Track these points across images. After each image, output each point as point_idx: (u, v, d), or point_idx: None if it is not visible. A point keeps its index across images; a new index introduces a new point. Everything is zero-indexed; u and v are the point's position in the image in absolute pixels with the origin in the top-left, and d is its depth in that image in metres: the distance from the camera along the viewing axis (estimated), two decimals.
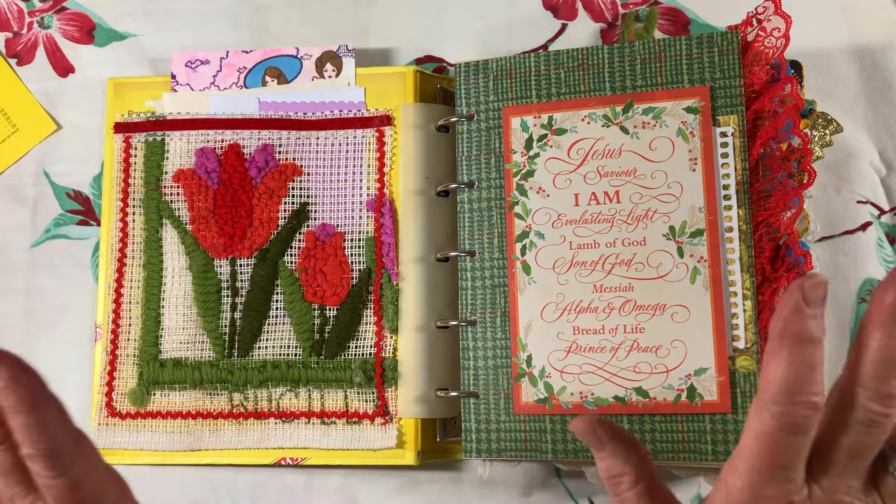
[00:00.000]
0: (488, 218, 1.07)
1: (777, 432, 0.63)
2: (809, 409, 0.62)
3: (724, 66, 1.02)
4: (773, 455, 0.64)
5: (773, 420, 0.63)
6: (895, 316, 0.60)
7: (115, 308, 1.16)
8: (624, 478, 0.73)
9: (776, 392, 0.62)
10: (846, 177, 1.14)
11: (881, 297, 0.61)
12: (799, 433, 0.63)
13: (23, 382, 0.68)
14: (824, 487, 0.66)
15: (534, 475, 1.14)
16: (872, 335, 0.61)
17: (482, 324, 1.06)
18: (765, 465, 0.65)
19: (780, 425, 0.63)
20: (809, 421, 0.62)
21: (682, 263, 1.00)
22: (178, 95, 1.18)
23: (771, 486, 0.65)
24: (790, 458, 0.64)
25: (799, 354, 0.61)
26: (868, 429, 0.63)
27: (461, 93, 1.10)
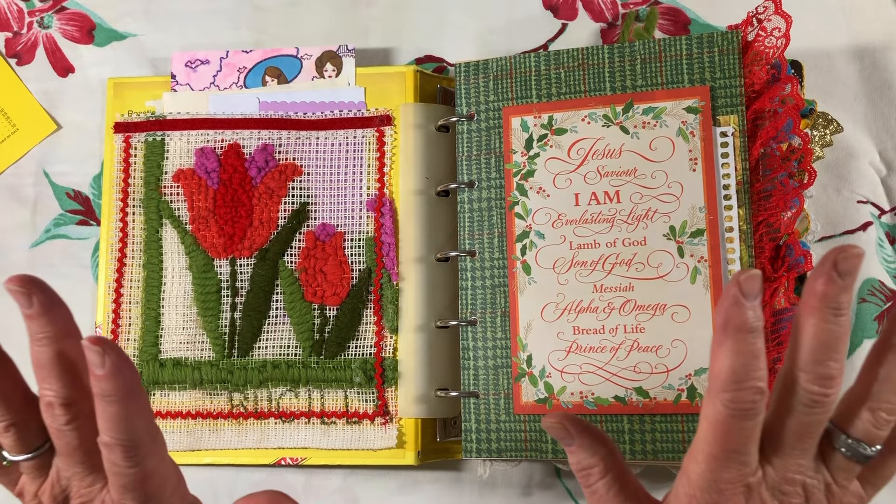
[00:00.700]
0: (488, 218, 1.07)
1: (729, 419, 0.66)
2: (756, 395, 0.65)
3: (724, 66, 1.02)
4: (726, 441, 0.67)
5: (724, 407, 0.66)
6: (825, 302, 0.64)
7: (115, 308, 1.16)
8: (593, 469, 0.76)
9: (724, 381, 0.66)
10: (846, 177, 1.14)
11: (812, 286, 0.65)
12: (748, 418, 0.66)
13: (123, 373, 0.70)
14: (777, 468, 0.69)
15: (534, 475, 1.14)
16: (808, 321, 0.66)
17: (482, 324, 1.06)
18: (720, 450, 0.68)
19: (731, 412, 0.66)
20: (757, 406, 0.65)
21: (682, 263, 1.00)
22: (178, 95, 1.18)
23: (727, 470, 0.68)
24: (743, 443, 0.67)
25: (742, 344, 0.65)
26: (811, 409, 0.66)
27: (461, 93, 1.10)
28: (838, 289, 0.64)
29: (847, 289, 0.65)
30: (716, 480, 0.69)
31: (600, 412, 1.01)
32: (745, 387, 0.65)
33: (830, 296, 0.65)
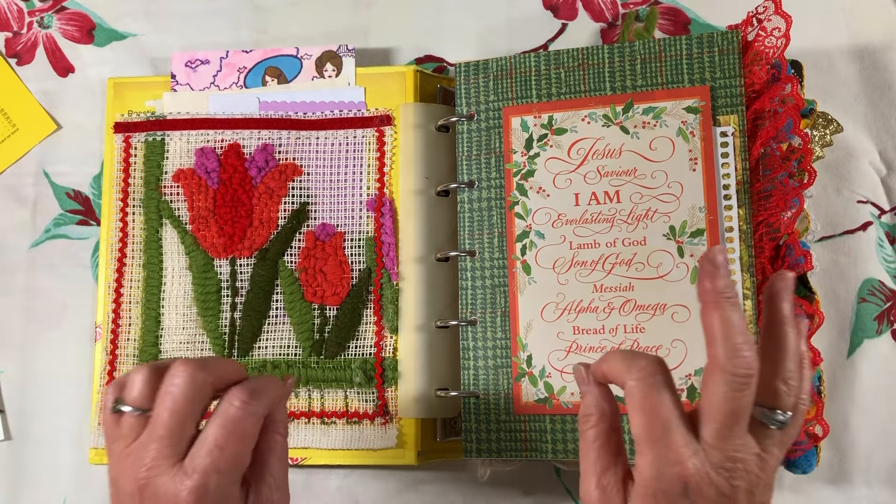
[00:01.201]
0: (488, 218, 1.07)
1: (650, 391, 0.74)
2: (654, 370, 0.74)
3: (724, 66, 1.02)
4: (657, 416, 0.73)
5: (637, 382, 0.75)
6: (718, 295, 0.72)
7: (115, 308, 1.16)
8: (590, 417, 0.80)
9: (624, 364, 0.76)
10: (846, 177, 1.15)
11: (702, 288, 0.74)
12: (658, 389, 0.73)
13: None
14: (718, 448, 0.72)
15: (534, 475, 1.14)
16: (712, 316, 0.73)
17: (482, 324, 1.06)
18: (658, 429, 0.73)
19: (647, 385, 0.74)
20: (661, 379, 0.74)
21: (682, 263, 1.00)
22: (178, 95, 1.18)
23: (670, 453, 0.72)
24: (669, 419, 0.72)
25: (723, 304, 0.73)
26: (738, 393, 0.71)
27: (461, 93, 1.10)
28: (720, 279, 0.73)
29: (726, 276, 0.73)
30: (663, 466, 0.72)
31: None
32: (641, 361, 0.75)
33: (718, 287, 0.73)
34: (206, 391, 0.79)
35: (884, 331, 1.12)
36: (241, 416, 0.78)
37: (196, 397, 0.78)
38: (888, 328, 1.12)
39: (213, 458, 0.76)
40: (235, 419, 0.78)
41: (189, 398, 0.78)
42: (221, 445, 0.77)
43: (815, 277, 1.09)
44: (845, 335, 1.12)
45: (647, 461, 0.73)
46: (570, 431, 1.02)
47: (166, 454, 0.77)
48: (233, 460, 0.78)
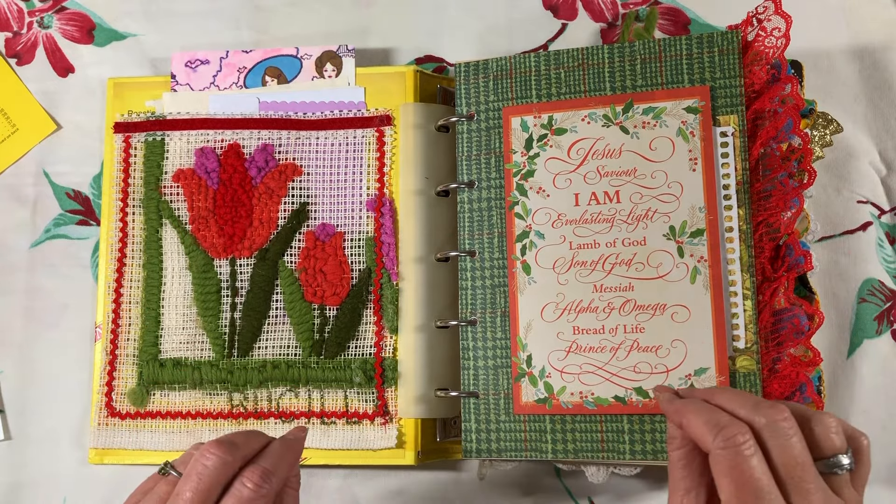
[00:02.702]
0: (488, 218, 1.07)
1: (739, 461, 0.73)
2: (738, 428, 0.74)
3: (724, 66, 1.02)
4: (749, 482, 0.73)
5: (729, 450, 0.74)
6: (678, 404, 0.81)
7: (115, 308, 1.16)
8: (675, 440, 0.82)
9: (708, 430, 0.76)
10: (846, 177, 1.15)
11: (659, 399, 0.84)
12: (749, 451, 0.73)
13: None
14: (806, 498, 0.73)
15: (534, 475, 1.14)
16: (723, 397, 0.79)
17: (482, 324, 1.06)
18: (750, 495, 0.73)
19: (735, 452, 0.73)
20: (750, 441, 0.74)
21: (682, 263, 1.00)
22: (177, 95, 1.18)
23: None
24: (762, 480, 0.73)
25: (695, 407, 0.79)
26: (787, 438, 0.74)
27: (461, 93, 1.10)
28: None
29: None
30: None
31: (600, 412, 1.01)
32: (723, 424, 0.75)
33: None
34: (231, 471, 0.81)
35: (884, 331, 1.12)
36: (254, 498, 0.80)
37: (221, 480, 0.80)
38: (888, 328, 1.12)
39: None
40: (249, 500, 0.80)
41: (215, 481, 0.80)
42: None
43: (815, 277, 1.09)
44: (845, 335, 1.12)
45: None
46: (570, 431, 1.02)
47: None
48: None
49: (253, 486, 0.80)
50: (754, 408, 0.76)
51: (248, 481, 0.80)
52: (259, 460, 0.83)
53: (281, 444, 0.86)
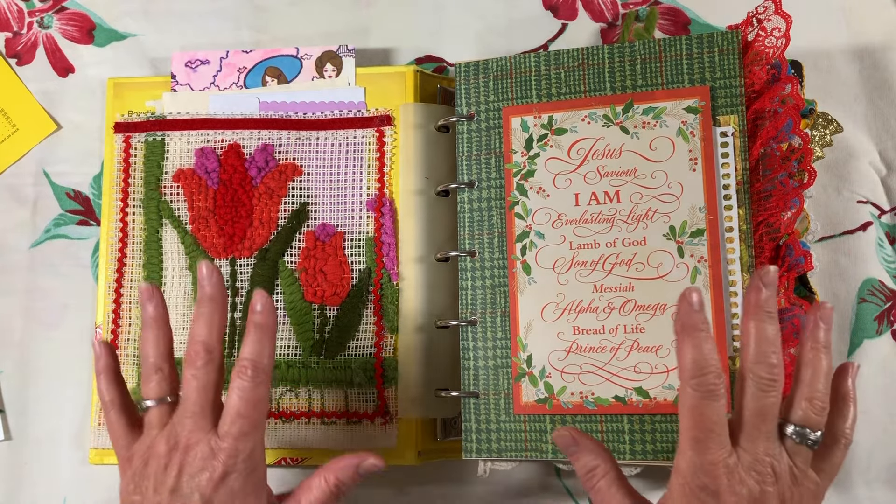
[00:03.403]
0: (488, 218, 1.07)
1: (700, 401, 0.81)
2: (717, 378, 0.81)
3: (724, 66, 1.02)
4: (704, 421, 0.81)
5: (695, 391, 0.81)
6: (759, 309, 0.83)
7: (115, 308, 1.16)
8: (597, 470, 0.90)
9: (691, 370, 0.81)
10: (846, 177, 1.15)
11: (747, 299, 0.85)
12: (714, 398, 0.81)
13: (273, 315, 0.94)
14: (748, 451, 0.82)
15: (534, 475, 1.14)
16: (749, 325, 0.84)
17: (482, 324, 1.06)
18: (700, 431, 0.81)
19: (701, 394, 0.81)
20: (719, 387, 0.81)
21: (682, 263, 1.00)
22: (178, 95, 1.18)
23: (709, 451, 0.81)
24: (716, 422, 0.81)
25: (698, 339, 0.82)
26: (764, 393, 0.82)
27: (461, 93, 1.10)
28: (766, 296, 0.84)
29: (772, 296, 0.84)
30: (701, 463, 0.81)
31: (600, 412, 1.01)
32: (706, 371, 0.81)
33: (762, 302, 0.84)
34: (218, 365, 0.91)
35: (884, 331, 1.12)
36: (252, 386, 0.88)
37: (215, 377, 0.91)
38: (888, 328, 1.12)
39: (239, 424, 0.87)
40: (248, 389, 0.88)
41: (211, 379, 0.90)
42: (243, 414, 0.88)
43: (815, 277, 1.09)
44: (845, 335, 1.13)
45: (687, 458, 0.82)
46: None
47: (201, 425, 0.88)
48: (254, 423, 0.88)
49: (248, 378, 0.89)
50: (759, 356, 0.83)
51: (244, 375, 0.89)
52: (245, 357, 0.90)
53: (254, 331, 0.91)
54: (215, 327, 0.92)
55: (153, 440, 0.91)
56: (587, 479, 0.91)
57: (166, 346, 0.96)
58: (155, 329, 0.95)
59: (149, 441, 0.91)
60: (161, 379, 0.93)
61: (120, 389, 0.98)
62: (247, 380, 0.88)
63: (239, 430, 0.87)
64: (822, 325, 0.85)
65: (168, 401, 0.93)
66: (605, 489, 0.89)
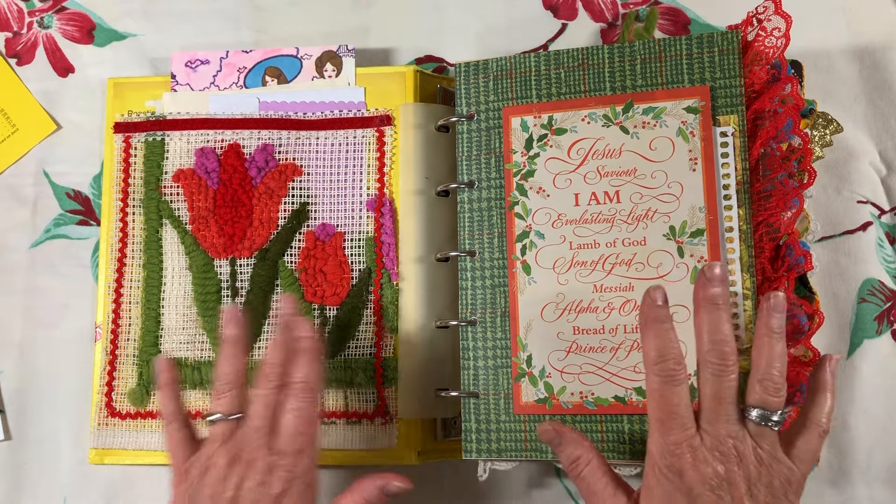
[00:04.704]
0: (488, 218, 1.07)
1: (663, 386, 0.88)
2: (677, 364, 0.88)
3: (724, 66, 1.02)
4: (666, 404, 0.88)
5: (658, 377, 0.89)
6: (707, 301, 0.90)
7: (115, 308, 1.16)
8: (580, 459, 0.93)
9: (653, 358, 0.89)
10: (846, 177, 1.15)
11: (696, 295, 0.92)
12: (676, 383, 0.88)
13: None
14: (710, 433, 0.87)
15: (534, 475, 1.14)
16: (700, 317, 0.90)
17: (482, 324, 1.06)
18: (664, 414, 0.88)
19: (663, 379, 0.88)
20: (678, 372, 0.88)
21: (682, 263, 1.00)
22: (178, 95, 1.18)
23: (672, 431, 0.87)
24: (678, 405, 0.87)
25: (660, 331, 0.90)
26: (719, 377, 0.88)
27: (461, 93, 1.10)
28: (711, 289, 0.90)
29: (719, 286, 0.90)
30: (666, 444, 0.87)
31: (600, 412, 1.01)
32: (668, 358, 0.88)
33: (709, 296, 0.90)
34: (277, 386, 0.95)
35: (884, 331, 1.12)
36: (307, 406, 0.94)
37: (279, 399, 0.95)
38: (888, 328, 1.12)
39: (298, 442, 0.92)
40: (304, 409, 0.93)
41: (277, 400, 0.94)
42: (301, 431, 0.93)
43: (815, 277, 1.09)
44: (845, 335, 1.12)
45: (654, 441, 0.88)
46: None
47: (264, 442, 0.92)
48: (310, 441, 0.93)
49: (302, 400, 0.94)
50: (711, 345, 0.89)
51: (299, 398, 0.94)
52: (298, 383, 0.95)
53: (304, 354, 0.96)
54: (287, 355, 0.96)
55: (214, 452, 0.93)
56: (571, 468, 0.94)
57: (241, 366, 0.98)
58: (233, 349, 0.98)
59: (209, 453, 0.94)
60: (234, 396, 0.96)
61: (180, 404, 1.01)
62: (303, 401, 0.93)
63: (298, 447, 0.92)
64: (775, 314, 0.91)
65: (235, 417, 0.95)
66: (589, 476, 0.93)
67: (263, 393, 0.94)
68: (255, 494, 0.89)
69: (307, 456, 0.92)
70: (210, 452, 0.93)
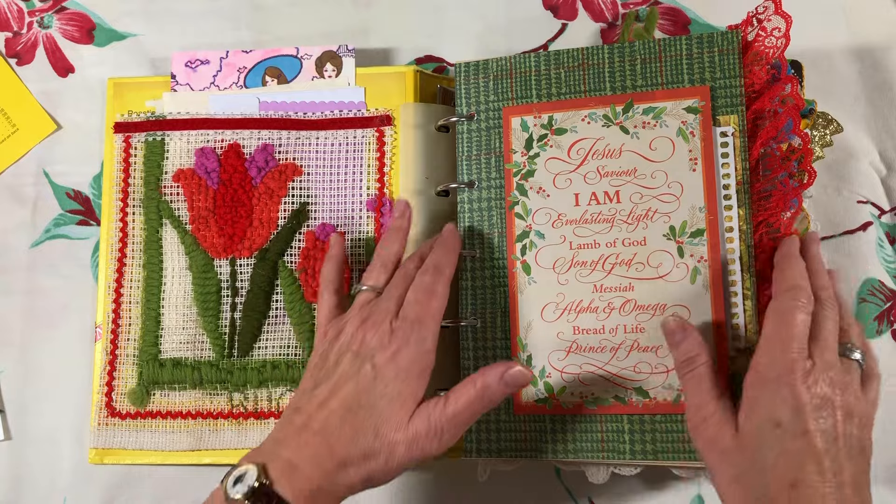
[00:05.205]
0: (488, 218, 1.07)
1: (792, 309, 0.91)
2: (808, 298, 0.92)
3: (724, 66, 1.02)
4: (790, 324, 0.91)
5: (789, 301, 0.92)
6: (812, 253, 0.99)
7: (115, 308, 1.16)
8: (699, 356, 0.95)
9: (788, 286, 0.93)
10: (846, 177, 1.15)
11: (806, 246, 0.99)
12: (805, 310, 0.92)
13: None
14: (821, 361, 0.90)
15: (534, 475, 1.14)
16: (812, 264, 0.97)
17: (482, 324, 1.06)
18: (786, 332, 0.90)
19: (793, 304, 0.92)
20: (808, 305, 0.92)
21: (682, 263, 1.00)
22: (178, 95, 1.18)
23: (792, 350, 0.89)
24: (802, 329, 0.91)
25: (798, 264, 0.95)
26: (831, 312, 0.94)
27: (461, 93, 1.10)
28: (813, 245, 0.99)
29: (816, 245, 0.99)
30: (782, 359, 0.89)
31: (600, 412, 1.01)
32: (801, 288, 0.93)
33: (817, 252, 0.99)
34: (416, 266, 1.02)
35: (884, 331, 1.12)
36: (431, 281, 0.98)
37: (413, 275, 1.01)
38: (888, 328, 1.12)
39: (415, 311, 0.96)
40: (426, 283, 0.99)
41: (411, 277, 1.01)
42: (420, 301, 0.97)
43: None
44: None
45: (767, 354, 0.91)
46: (570, 432, 1.02)
47: (392, 310, 0.97)
48: (429, 312, 0.97)
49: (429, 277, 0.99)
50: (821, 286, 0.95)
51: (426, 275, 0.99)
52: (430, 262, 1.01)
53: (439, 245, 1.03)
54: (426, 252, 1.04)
55: (351, 317, 1.00)
56: (686, 364, 0.96)
57: (398, 252, 1.06)
58: (395, 235, 1.06)
59: (347, 317, 1.01)
60: (382, 273, 1.04)
61: (340, 277, 1.08)
62: (427, 276, 0.99)
63: (415, 315, 0.96)
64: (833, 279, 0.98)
65: (378, 291, 1.02)
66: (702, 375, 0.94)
67: (404, 273, 1.01)
68: (372, 351, 0.95)
69: (425, 327, 0.95)
70: (348, 317, 1.00)
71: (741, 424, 0.90)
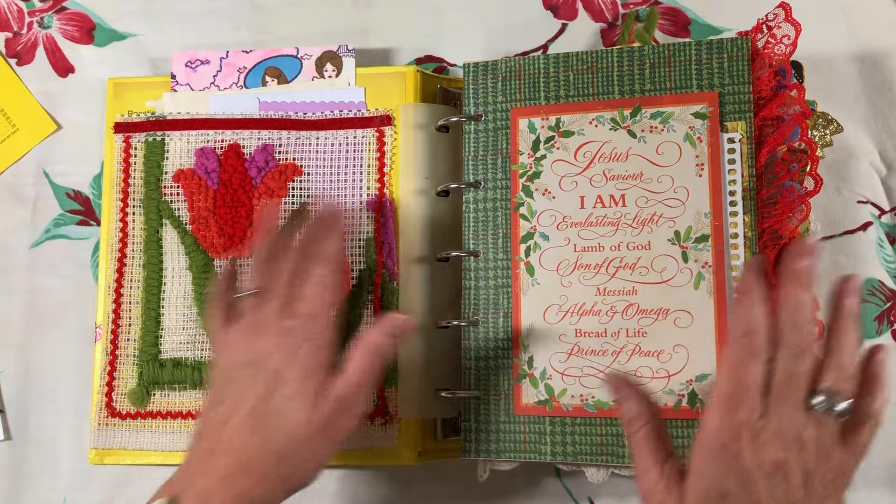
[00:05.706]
0: (493, 218, 1.07)
1: (742, 360, 0.82)
2: (764, 342, 0.82)
3: (733, 73, 1.02)
4: (741, 380, 0.82)
5: (739, 350, 0.83)
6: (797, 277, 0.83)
7: (115, 308, 1.16)
8: (640, 417, 0.88)
9: (740, 331, 0.83)
10: (846, 177, 1.15)
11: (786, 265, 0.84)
12: (757, 360, 0.82)
13: None
14: (776, 415, 0.81)
15: (534, 475, 1.15)
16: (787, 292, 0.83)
17: (484, 324, 1.06)
18: (736, 390, 0.82)
19: (744, 354, 0.82)
20: (764, 351, 0.82)
21: (686, 268, 1.01)
22: (178, 95, 1.18)
23: (741, 411, 0.81)
24: (753, 382, 0.81)
25: (755, 305, 0.83)
26: (796, 360, 0.81)
27: (469, 93, 1.11)
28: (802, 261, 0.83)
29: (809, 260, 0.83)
30: (729, 423, 0.81)
31: (601, 415, 1.01)
32: (756, 333, 0.82)
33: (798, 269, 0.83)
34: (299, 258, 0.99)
35: (884, 331, 1.13)
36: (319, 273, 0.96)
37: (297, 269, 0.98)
38: (888, 328, 1.13)
39: (308, 305, 0.95)
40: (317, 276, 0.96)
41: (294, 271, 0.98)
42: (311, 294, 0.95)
43: None
44: None
45: (715, 417, 0.83)
46: (570, 434, 1.02)
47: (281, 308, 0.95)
48: (322, 305, 0.95)
49: (322, 277, 0.96)
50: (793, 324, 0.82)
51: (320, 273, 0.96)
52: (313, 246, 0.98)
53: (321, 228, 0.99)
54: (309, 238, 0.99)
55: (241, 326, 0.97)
56: (629, 424, 0.90)
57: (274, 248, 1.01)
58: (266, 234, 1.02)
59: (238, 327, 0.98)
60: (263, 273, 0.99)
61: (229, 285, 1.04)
62: (315, 266, 0.96)
63: (307, 310, 0.95)
64: (852, 296, 0.85)
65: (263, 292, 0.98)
66: (642, 437, 0.88)
67: (285, 266, 0.97)
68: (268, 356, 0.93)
69: (318, 320, 0.94)
70: (239, 327, 0.97)
71: (687, 495, 0.85)
